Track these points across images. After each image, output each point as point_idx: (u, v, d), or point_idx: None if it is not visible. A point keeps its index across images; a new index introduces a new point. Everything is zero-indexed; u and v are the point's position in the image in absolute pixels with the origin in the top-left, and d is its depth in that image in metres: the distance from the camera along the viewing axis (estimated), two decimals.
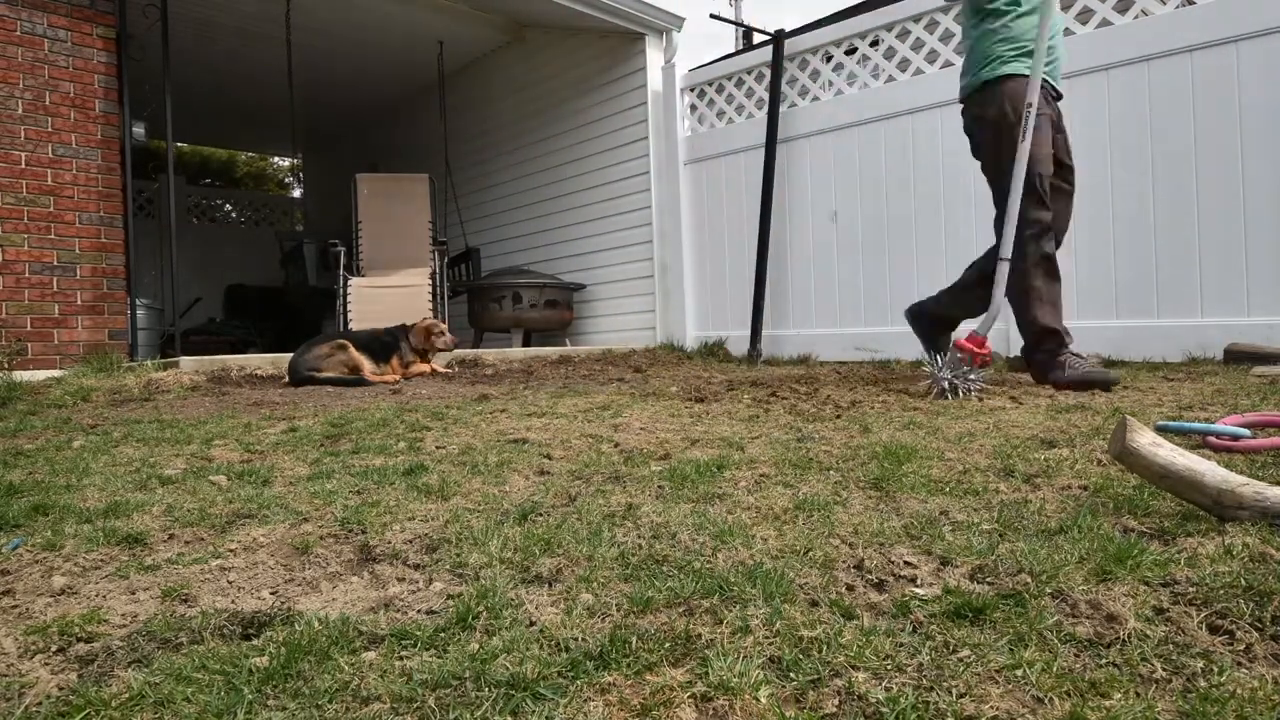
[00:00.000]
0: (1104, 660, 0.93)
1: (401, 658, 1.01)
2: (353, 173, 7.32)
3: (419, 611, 1.17)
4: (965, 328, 3.41)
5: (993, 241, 3.22)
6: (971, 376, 2.99)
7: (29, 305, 4.68)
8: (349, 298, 6.33)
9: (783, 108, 5.71)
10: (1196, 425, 2.01)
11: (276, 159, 16.57)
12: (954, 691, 0.87)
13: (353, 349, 4.85)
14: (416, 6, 6.94)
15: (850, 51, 5.45)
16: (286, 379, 4.63)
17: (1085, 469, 1.80)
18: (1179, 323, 3.99)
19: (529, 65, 7.83)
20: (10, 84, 4.65)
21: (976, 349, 3.01)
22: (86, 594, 1.30)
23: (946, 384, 2.99)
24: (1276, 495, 1.31)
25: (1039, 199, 3.08)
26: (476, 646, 1.02)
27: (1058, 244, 3.26)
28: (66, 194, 4.83)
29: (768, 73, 5.78)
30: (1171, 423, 2.08)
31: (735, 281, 6.10)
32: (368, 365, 4.84)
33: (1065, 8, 4.37)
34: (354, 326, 6.32)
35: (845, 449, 2.17)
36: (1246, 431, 1.94)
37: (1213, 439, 1.93)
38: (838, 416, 2.78)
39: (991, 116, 3.10)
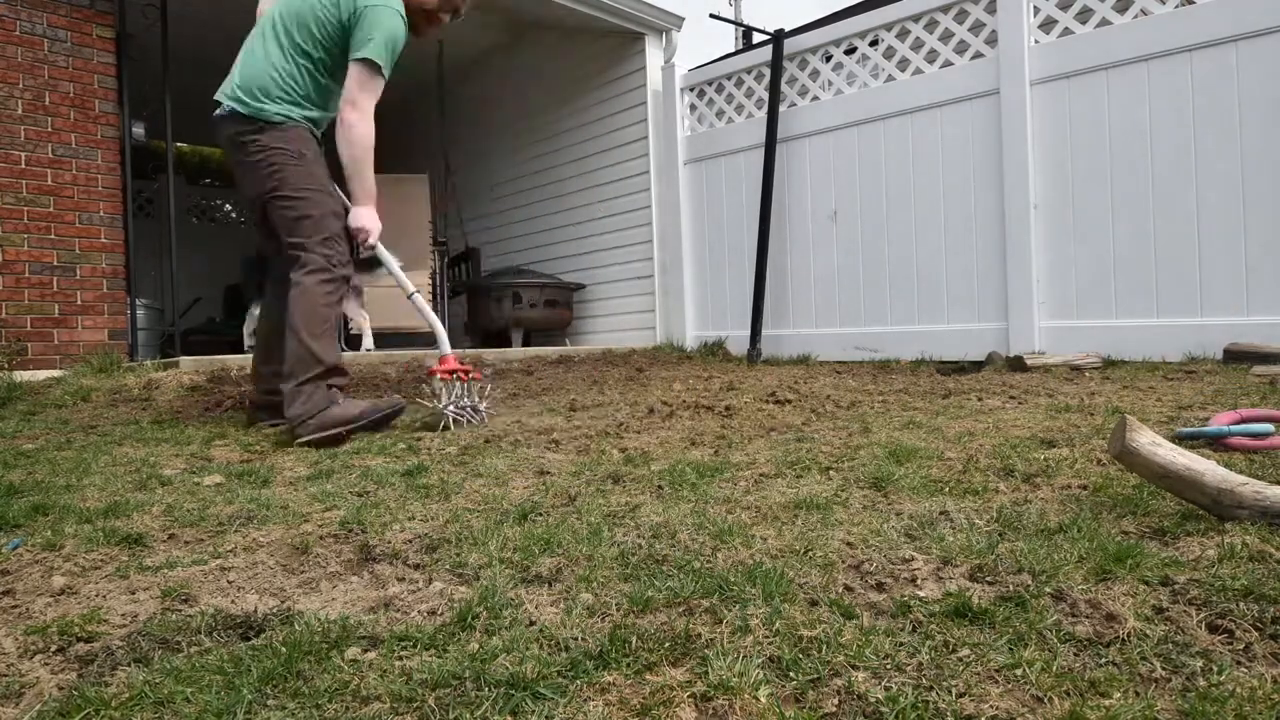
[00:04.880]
0: (1104, 660, 0.93)
1: (401, 657, 1.01)
2: None
3: (419, 611, 1.17)
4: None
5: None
6: (466, 403, 2.87)
7: (29, 305, 4.68)
8: None
9: (782, 107, 5.70)
10: (1211, 429, 2.00)
11: None
12: (954, 691, 0.87)
13: None
14: None
15: (850, 51, 5.45)
16: None
17: (1085, 469, 1.80)
18: (1179, 322, 3.99)
19: (529, 65, 7.82)
20: (10, 84, 4.65)
21: (456, 366, 2.90)
22: (86, 594, 1.30)
23: (451, 415, 2.81)
24: (1276, 494, 1.31)
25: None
26: (476, 646, 1.02)
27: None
28: (66, 194, 4.82)
29: (767, 72, 5.78)
30: (1187, 429, 2.07)
31: (735, 281, 6.09)
32: None
33: (1063, 7, 4.37)
34: (354, 327, 6.32)
35: (845, 449, 2.17)
36: (1270, 428, 1.92)
37: (1235, 440, 1.91)
38: (837, 416, 2.78)
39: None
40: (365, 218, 2.88)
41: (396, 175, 7.52)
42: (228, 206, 13.22)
